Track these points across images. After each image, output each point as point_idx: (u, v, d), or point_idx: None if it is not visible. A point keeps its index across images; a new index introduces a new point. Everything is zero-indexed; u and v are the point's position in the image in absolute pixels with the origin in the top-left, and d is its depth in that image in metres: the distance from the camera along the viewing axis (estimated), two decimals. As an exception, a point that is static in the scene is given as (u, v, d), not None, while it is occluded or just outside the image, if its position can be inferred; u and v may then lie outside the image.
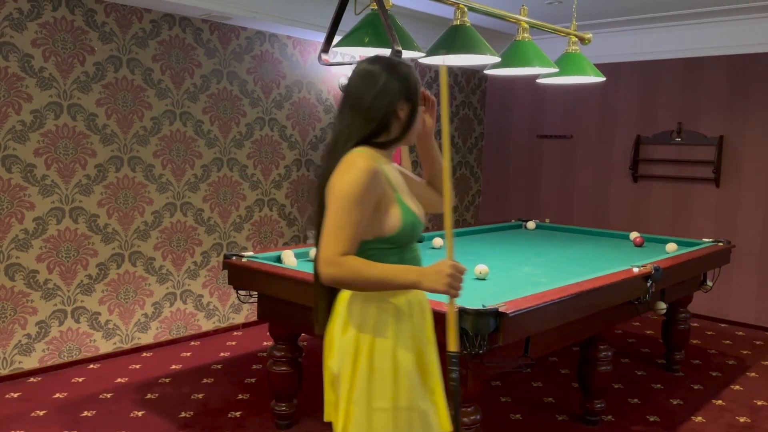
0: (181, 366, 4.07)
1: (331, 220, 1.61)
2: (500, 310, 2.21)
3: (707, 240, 4.14)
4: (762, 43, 5.03)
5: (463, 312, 2.18)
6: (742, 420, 3.44)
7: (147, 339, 4.39)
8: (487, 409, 3.39)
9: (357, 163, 1.63)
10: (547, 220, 5.14)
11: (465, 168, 6.76)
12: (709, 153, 5.42)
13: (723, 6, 4.83)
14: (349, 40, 2.85)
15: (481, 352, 2.18)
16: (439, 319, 2.24)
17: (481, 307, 2.20)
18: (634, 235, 4.26)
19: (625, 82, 5.89)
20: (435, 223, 6.47)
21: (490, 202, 6.94)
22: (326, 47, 2.82)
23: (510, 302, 2.35)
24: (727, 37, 5.16)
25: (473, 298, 2.55)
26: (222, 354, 4.31)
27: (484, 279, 2.96)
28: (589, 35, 3.71)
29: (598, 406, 3.30)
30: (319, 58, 2.83)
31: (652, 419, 3.43)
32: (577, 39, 3.69)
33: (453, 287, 1.62)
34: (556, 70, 3.43)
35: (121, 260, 4.21)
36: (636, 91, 5.85)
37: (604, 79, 3.75)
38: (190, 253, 4.56)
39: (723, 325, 5.32)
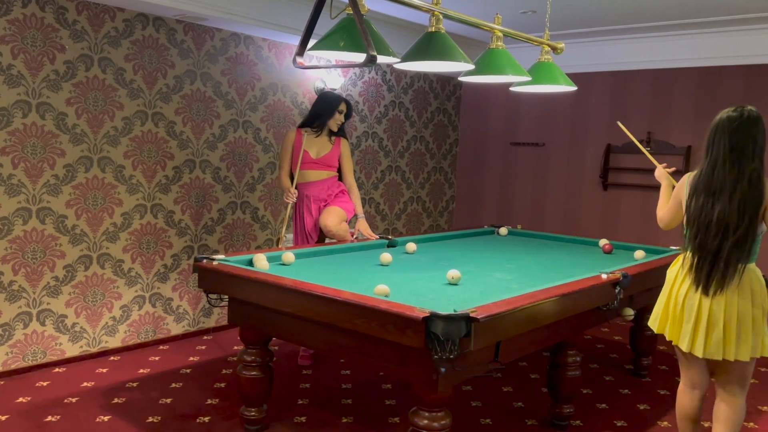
0: (149, 370, 4.01)
1: None
2: (471, 315, 2.22)
3: (675, 248, 4.21)
4: (729, 56, 5.16)
5: (434, 317, 2.19)
6: (707, 425, 3.50)
7: (115, 342, 4.32)
8: (458, 414, 3.40)
9: None
10: (519, 227, 5.19)
11: (439, 174, 6.80)
12: (678, 162, 5.53)
13: (692, 19, 4.95)
14: (324, 44, 2.85)
15: (452, 356, 2.19)
16: (414, 323, 2.25)
17: (453, 312, 2.21)
18: (603, 242, 4.32)
19: (597, 91, 5.99)
20: (409, 228, 6.49)
21: (464, 208, 6.99)
22: (301, 50, 2.81)
23: (481, 307, 2.36)
24: (696, 49, 5.28)
25: (445, 303, 2.56)
26: (191, 358, 4.26)
27: (456, 284, 2.98)
28: (561, 45, 3.76)
29: (567, 411, 3.33)
30: (294, 61, 2.83)
31: (619, 424, 3.48)
32: (549, 48, 3.74)
33: None
34: (529, 78, 3.47)
35: (89, 262, 4.14)
36: (607, 101, 5.95)
37: (575, 88, 3.80)
38: (160, 255, 4.50)
39: (689, 332, 5.42)
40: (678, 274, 2.67)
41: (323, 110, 4.14)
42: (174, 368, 4.06)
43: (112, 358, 4.22)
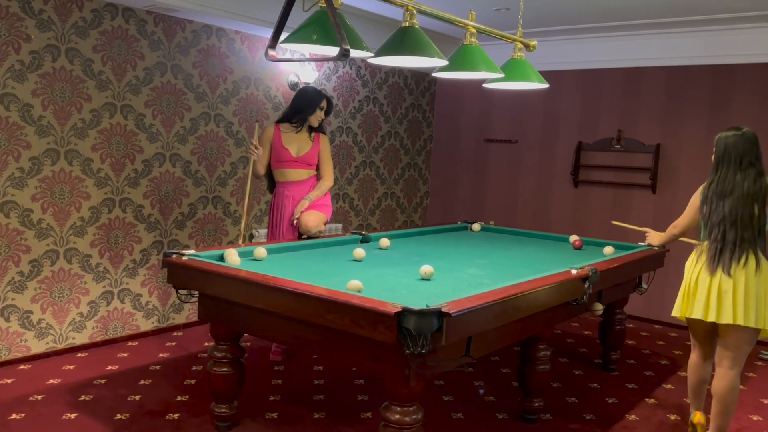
0: (117, 367, 3.95)
1: None
2: (443, 310, 2.23)
3: (643, 244, 4.27)
4: (698, 56, 5.26)
5: (406, 312, 2.19)
6: (672, 418, 3.58)
7: (82, 339, 4.24)
8: (430, 409, 3.42)
9: None
10: (492, 223, 5.22)
11: (413, 170, 6.80)
12: (647, 160, 5.62)
13: (662, 19, 5.02)
14: (296, 37, 2.82)
15: (423, 351, 2.19)
16: (386, 319, 2.25)
17: (425, 307, 2.21)
18: (573, 238, 4.37)
19: (568, 89, 6.05)
20: (383, 223, 6.49)
21: (438, 203, 7.01)
22: (273, 43, 2.78)
23: (453, 302, 2.37)
24: (665, 49, 5.37)
25: (417, 298, 2.57)
26: (161, 355, 4.21)
27: (428, 279, 2.99)
28: (534, 42, 3.78)
29: (537, 404, 3.37)
30: (266, 53, 2.80)
31: (588, 417, 3.53)
32: (522, 46, 3.76)
33: None
34: (502, 75, 3.48)
35: (56, 257, 4.05)
36: (578, 99, 6.01)
37: (547, 86, 3.83)
38: (129, 250, 4.43)
39: (657, 327, 5.52)
40: (692, 263, 3.18)
41: (304, 106, 4.07)
42: (143, 365, 4.00)
43: (79, 354, 4.14)
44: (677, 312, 3.19)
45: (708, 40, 5.16)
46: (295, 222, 3.99)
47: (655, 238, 3.93)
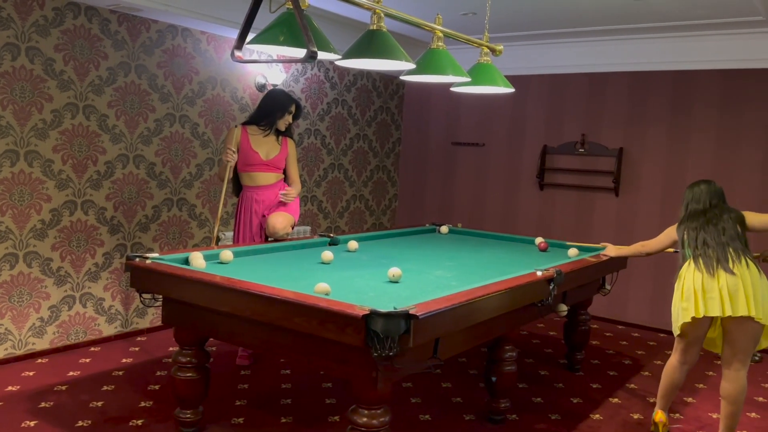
0: (79, 373, 3.86)
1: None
2: (411, 312, 2.23)
3: (604, 245, 4.35)
4: (659, 62, 5.38)
5: (374, 314, 2.19)
6: (636, 417, 3.64)
7: (42, 344, 4.13)
8: (398, 411, 3.42)
9: None
10: (460, 225, 5.26)
11: (382, 172, 6.82)
12: (610, 164, 5.73)
13: (625, 25, 5.13)
14: (263, 38, 2.81)
15: (391, 354, 2.19)
16: (354, 321, 2.25)
17: (393, 310, 2.22)
18: (538, 240, 4.43)
19: (534, 94, 6.13)
20: (351, 226, 6.48)
21: (407, 206, 7.03)
22: (239, 44, 2.76)
23: (420, 305, 2.38)
24: (628, 55, 5.48)
25: (385, 300, 2.57)
26: (124, 360, 4.13)
27: (397, 282, 2.99)
28: (500, 47, 3.83)
29: (504, 405, 3.40)
30: (232, 54, 2.77)
31: (553, 417, 3.57)
32: (489, 50, 3.80)
33: None
34: (469, 79, 3.51)
35: (15, 261, 3.94)
36: (543, 103, 6.10)
37: (513, 90, 3.88)
38: (91, 254, 4.34)
39: (620, 327, 5.63)
40: (688, 272, 3.22)
41: (273, 109, 4.03)
42: (106, 370, 3.92)
43: (39, 360, 4.04)
44: (690, 315, 3.13)
45: (669, 47, 5.28)
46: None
47: (611, 250, 3.96)
